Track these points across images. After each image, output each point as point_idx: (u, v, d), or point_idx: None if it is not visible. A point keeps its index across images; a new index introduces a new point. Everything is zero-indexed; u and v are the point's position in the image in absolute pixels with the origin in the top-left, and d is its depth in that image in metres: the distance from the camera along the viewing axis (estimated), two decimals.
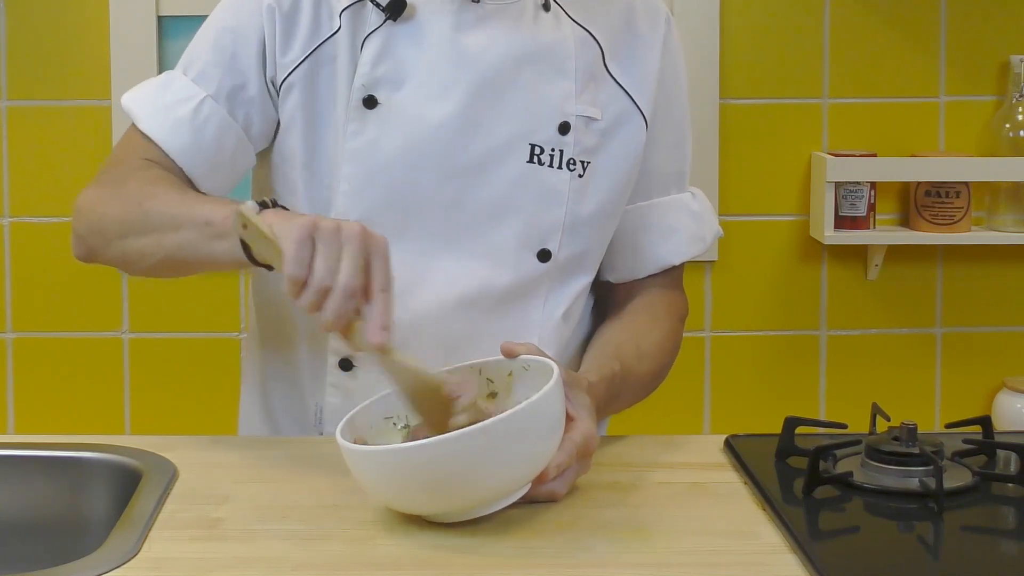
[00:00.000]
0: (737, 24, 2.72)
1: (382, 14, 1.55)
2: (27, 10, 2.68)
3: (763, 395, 2.77)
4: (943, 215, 2.67)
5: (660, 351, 1.62)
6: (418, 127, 1.54)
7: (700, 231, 1.69)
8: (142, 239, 1.49)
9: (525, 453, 1.24)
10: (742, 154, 2.73)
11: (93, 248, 1.55)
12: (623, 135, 1.60)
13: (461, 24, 1.55)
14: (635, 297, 1.66)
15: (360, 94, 1.54)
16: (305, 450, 1.49)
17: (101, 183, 1.57)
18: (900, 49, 2.73)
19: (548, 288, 1.59)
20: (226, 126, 1.56)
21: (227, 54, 1.56)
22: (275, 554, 1.21)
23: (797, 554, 1.20)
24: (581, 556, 1.20)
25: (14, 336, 2.74)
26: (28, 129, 2.70)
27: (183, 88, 1.57)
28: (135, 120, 1.59)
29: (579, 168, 1.57)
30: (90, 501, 1.43)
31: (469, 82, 1.54)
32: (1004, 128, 2.69)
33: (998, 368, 2.77)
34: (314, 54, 1.56)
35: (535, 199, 1.56)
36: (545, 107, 1.56)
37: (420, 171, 1.54)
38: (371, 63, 1.54)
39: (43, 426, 2.73)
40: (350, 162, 1.54)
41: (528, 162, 1.55)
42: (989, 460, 1.43)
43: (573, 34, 1.59)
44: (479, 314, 1.55)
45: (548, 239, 1.57)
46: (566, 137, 1.56)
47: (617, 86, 1.60)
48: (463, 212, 1.55)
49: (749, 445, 1.47)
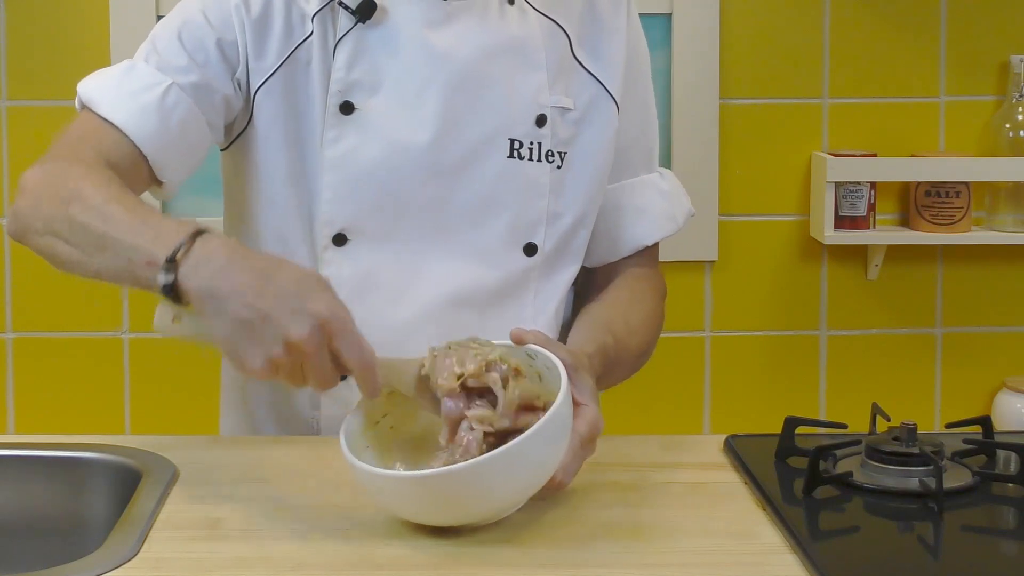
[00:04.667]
0: (737, 24, 2.71)
1: (352, 17, 1.54)
2: (27, 10, 2.68)
3: (763, 395, 2.77)
4: (943, 215, 2.67)
5: (647, 326, 1.63)
6: (398, 131, 1.53)
7: (671, 210, 1.70)
8: (68, 248, 1.40)
9: (538, 467, 1.24)
10: (742, 154, 2.73)
11: (23, 229, 1.45)
12: (596, 122, 1.61)
13: (431, 23, 1.54)
14: (614, 278, 1.67)
15: (336, 100, 1.53)
16: (305, 450, 1.48)
17: (45, 166, 1.48)
18: (900, 49, 2.73)
19: (537, 282, 1.60)
20: (191, 114, 1.53)
21: (191, 47, 1.54)
22: (275, 554, 1.21)
23: (797, 554, 1.20)
24: (581, 556, 1.20)
25: (14, 336, 2.74)
26: (28, 129, 2.70)
27: (147, 75, 1.54)
28: (94, 107, 1.53)
29: (557, 159, 1.58)
30: (90, 501, 1.43)
31: (444, 81, 1.54)
32: (1004, 128, 2.69)
33: (998, 368, 2.77)
34: (290, 59, 1.55)
35: (518, 194, 1.56)
36: (521, 100, 1.56)
37: (402, 174, 1.53)
38: (345, 68, 1.53)
39: (43, 426, 2.73)
40: (331, 170, 1.53)
41: (508, 157, 1.56)
42: (989, 460, 1.43)
43: (540, 25, 1.59)
44: (472, 313, 1.56)
45: (533, 233, 1.58)
46: (543, 129, 1.57)
47: (587, 73, 1.61)
48: (448, 212, 1.55)
49: (749, 445, 1.47)
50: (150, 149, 1.52)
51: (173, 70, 1.54)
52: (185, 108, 1.53)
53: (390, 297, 1.54)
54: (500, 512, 1.25)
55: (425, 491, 1.21)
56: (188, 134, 1.54)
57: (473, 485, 1.20)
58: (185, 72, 1.54)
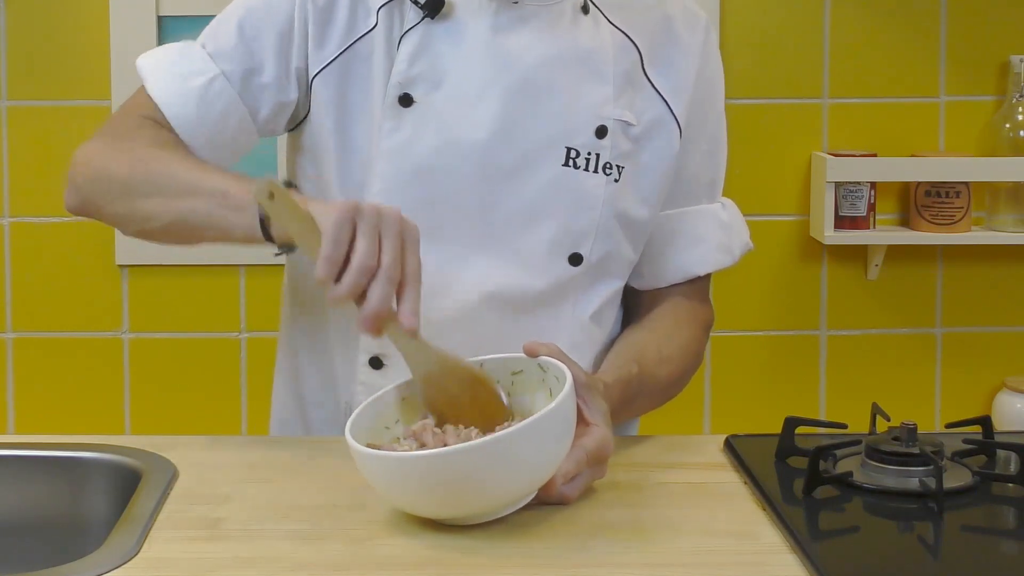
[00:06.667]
0: (737, 24, 2.72)
1: (420, 12, 1.53)
2: (27, 10, 2.68)
3: (763, 395, 2.77)
4: (943, 215, 2.68)
5: (682, 356, 1.61)
6: (454, 128, 1.52)
7: (728, 242, 1.67)
8: (149, 201, 1.47)
9: (535, 462, 1.24)
10: (742, 154, 2.73)
11: (90, 200, 1.52)
12: (658, 141, 1.59)
13: (499, 25, 1.54)
14: (659, 304, 1.65)
15: (396, 92, 1.53)
16: (305, 450, 1.49)
17: (105, 137, 1.55)
18: (900, 49, 2.73)
19: (577, 290, 1.57)
20: (233, 107, 1.55)
21: (249, 36, 1.55)
22: (275, 554, 1.21)
23: (797, 554, 1.20)
24: (581, 556, 1.20)
25: (14, 336, 2.74)
26: (28, 129, 2.70)
27: (200, 60, 1.56)
28: (145, 82, 1.57)
29: (615, 172, 1.56)
30: (90, 501, 1.43)
31: (507, 84, 1.52)
32: (1004, 128, 2.69)
33: (998, 368, 2.77)
34: (349, 50, 1.55)
35: (569, 203, 1.54)
36: (582, 110, 1.54)
37: (455, 173, 1.52)
38: (408, 61, 1.53)
39: (43, 426, 2.73)
40: (384, 161, 1.53)
41: (563, 165, 1.54)
42: (989, 460, 1.43)
43: (612, 38, 1.57)
44: (508, 317, 1.54)
45: (580, 243, 1.55)
46: (603, 141, 1.55)
47: (654, 92, 1.59)
48: (496, 215, 1.54)
49: (749, 445, 1.46)
50: (184, 133, 1.54)
51: (226, 59, 1.55)
52: (228, 99, 1.55)
53: (428, 292, 1.52)
54: (495, 507, 1.25)
55: (419, 474, 1.21)
56: (227, 125, 1.56)
57: (466, 470, 1.20)
58: (238, 62, 1.55)
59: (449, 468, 1.20)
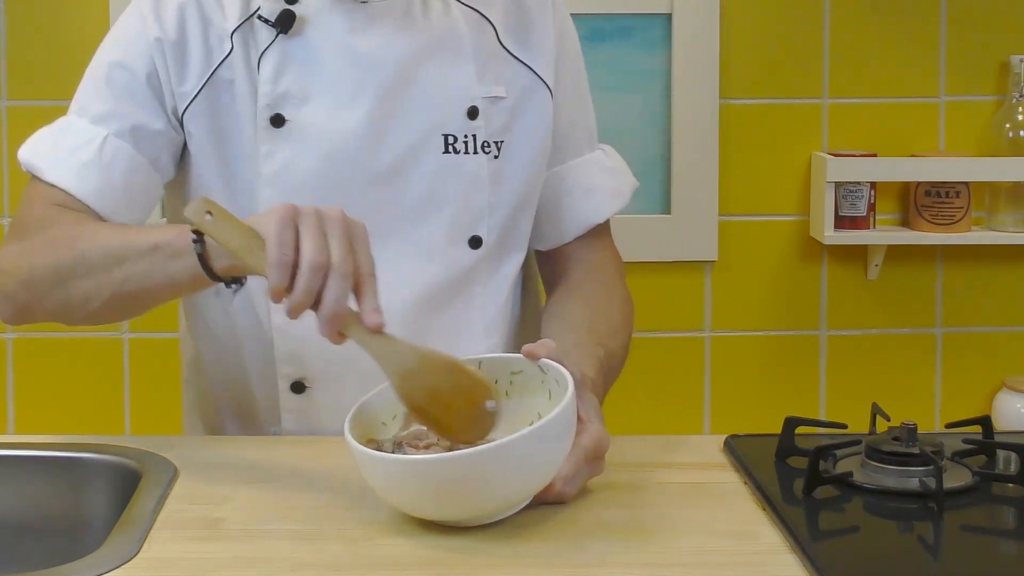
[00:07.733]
0: (737, 24, 2.71)
1: (272, 30, 1.53)
2: (27, 10, 2.68)
3: (763, 395, 2.77)
4: (943, 215, 2.67)
5: (625, 321, 1.64)
6: (331, 139, 1.52)
7: (618, 186, 1.70)
8: (84, 281, 1.43)
9: (536, 468, 1.24)
10: (742, 154, 2.73)
11: (25, 305, 1.49)
12: (531, 109, 1.61)
13: (353, 27, 1.54)
14: (573, 263, 1.67)
15: (266, 113, 1.52)
16: (305, 450, 1.49)
17: (18, 237, 1.52)
18: (900, 49, 2.73)
19: (486, 274, 1.59)
20: (133, 162, 1.54)
21: (121, 92, 1.54)
22: (275, 554, 1.21)
23: (797, 554, 1.20)
24: (581, 556, 1.20)
25: (14, 336, 2.74)
26: (28, 129, 2.68)
27: (83, 131, 1.54)
28: (38, 173, 1.55)
29: (494, 149, 1.58)
30: (90, 501, 1.43)
31: (373, 86, 1.53)
32: (1004, 128, 2.69)
33: (998, 368, 2.77)
34: (211, 80, 1.54)
35: (458, 188, 1.56)
36: (451, 95, 1.56)
37: (340, 183, 1.52)
38: (271, 81, 1.53)
39: (43, 426, 2.73)
40: (267, 186, 1.52)
41: (444, 153, 1.56)
42: (989, 460, 1.43)
43: (464, 18, 1.59)
44: (424, 312, 1.55)
45: (477, 225, 1.58)
46: (476, 121, 1.57)
47: (516, 61, 1.61)
48: (390, 214, 1.54)
49: (749, 445, 1.47)
50: (97, 204, 1.52)
51: (107, 120, 1.54)
52: (126, 156, 1.53)
53: None
54: (497, 510, 1.25)
55: (420, 478, 1.21)
56: (134, 182, 1.54)
57: (468, 475, 1.20)
58: (119, 119, 1.53)
59: (451, 473, 1.20)
